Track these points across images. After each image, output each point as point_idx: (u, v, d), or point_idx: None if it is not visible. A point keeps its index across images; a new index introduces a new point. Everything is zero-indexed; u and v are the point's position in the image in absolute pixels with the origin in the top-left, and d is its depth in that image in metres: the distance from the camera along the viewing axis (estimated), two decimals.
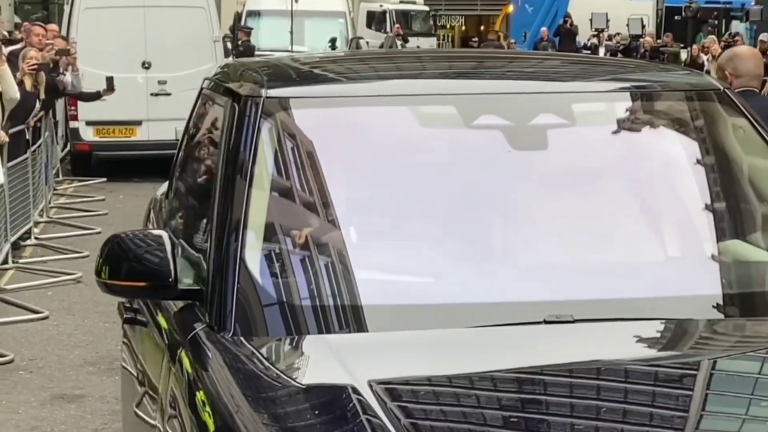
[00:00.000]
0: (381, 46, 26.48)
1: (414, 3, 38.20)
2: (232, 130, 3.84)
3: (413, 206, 3.68)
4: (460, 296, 3.44)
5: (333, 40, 20.83)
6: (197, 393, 3.16)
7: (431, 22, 39.61)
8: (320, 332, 3.33)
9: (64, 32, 16.21)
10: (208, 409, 3.03)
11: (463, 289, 3.47)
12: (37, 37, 11.84)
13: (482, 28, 48.92)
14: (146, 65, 16.50)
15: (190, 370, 3.33)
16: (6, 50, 10.89)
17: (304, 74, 4.46)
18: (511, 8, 42.35)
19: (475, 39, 44.38)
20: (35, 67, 11.13)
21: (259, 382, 3.10)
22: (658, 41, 33.13)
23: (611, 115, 4.06)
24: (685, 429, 2.81)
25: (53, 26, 15.77)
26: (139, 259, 3.42)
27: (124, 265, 3.44)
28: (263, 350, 3.28)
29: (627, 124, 4.07)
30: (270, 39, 22.36)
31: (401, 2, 36.43)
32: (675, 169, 3.98)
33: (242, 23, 23.52)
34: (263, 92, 3.84)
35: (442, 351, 3.26)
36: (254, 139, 3.70)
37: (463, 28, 48.96)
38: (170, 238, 3.46)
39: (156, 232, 3.48)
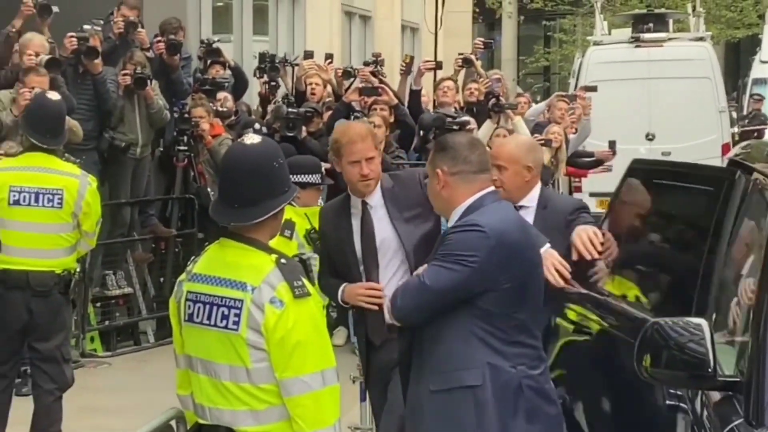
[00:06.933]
0: None
1: None
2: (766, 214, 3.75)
3: None
4: None
5: None
6: None
7: None
8: None
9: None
10: None
11: None
12: (560, 111, 12.19)
13: None
14: (650, 137, 16.44)
15: None
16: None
17: None
18: None
19: None
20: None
21: None
22: None
23: None
24: None
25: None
26: (680, 347, 3.40)
27: (664, 353, 3.43)
28: None
29: None
30: None
31: None
32: None
33: (749, 90, 22.99)
34: None
35: None
36: None
37: None
38: (710, 326, 3.42)
39: (695, 320, 3.44)
